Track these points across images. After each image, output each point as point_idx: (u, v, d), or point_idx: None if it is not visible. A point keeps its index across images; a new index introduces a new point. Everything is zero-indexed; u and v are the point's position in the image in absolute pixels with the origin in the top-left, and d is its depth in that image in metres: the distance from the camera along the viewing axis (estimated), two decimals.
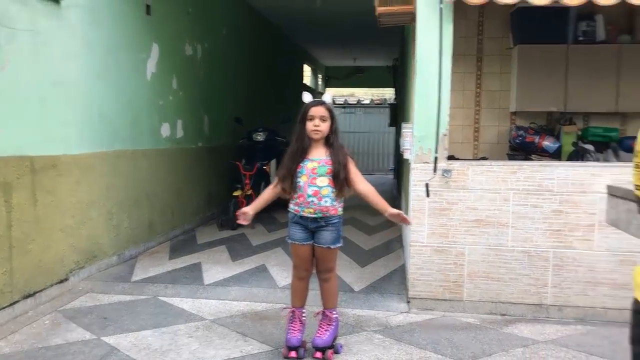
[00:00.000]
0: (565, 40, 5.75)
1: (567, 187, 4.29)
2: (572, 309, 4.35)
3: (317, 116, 3.45)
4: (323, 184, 3.46)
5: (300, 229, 3.55)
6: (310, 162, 3.47)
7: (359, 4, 9.55)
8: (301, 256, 3.60)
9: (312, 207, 3.46)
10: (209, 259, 5.97)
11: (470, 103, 6.23)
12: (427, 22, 4.31)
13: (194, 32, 7.62)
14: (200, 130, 7.95)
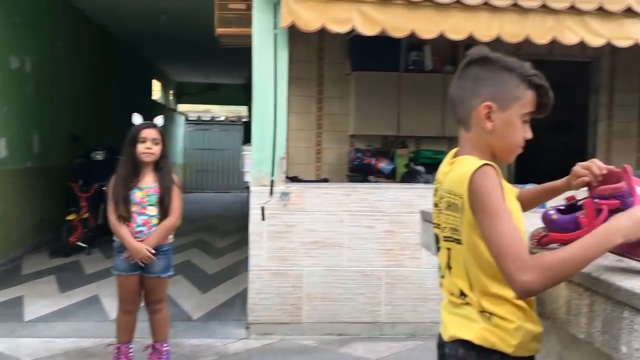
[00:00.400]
0: (397, 68, 6.08)
1: (397, 207, 4.51)
2: (404, 325, 4.56)
3: (150, 139, 3.33)
4: (153, 213, 3.34)
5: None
6: (139, 191, 3.33)
7: (207, 21, 9.43)
8: (128, 288, 3.40)
9: (141, 237, 3.31)
10: (33, 291, 5.45)
11: (312, 126, 6.36)
12: (262, 47, 4.34)
13: (21, 44, 7.01)
14: (29, 149, 7.31)
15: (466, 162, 1.47)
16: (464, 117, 1.56)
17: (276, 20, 4.23)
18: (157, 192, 3.34)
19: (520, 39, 4.39)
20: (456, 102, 1.58)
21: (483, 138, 1.53)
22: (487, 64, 1.53)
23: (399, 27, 4.24)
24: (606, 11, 4.25)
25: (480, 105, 1.50)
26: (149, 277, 3.39)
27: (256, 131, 4.42)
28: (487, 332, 1.45)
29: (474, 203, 1.40)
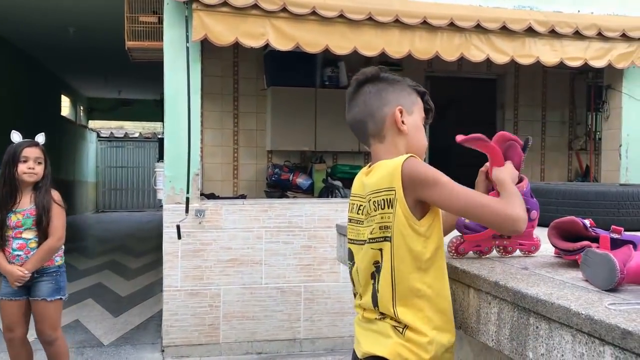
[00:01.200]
0: (313, 84, 6.12)
1: (315, 222, 4.51)
2: (323, 340, 4.54)
3: (32, 157, 3.14)
4: (30, 236, 3.15)
5: (7, 282, 3.16)
6: (14, 215, 3.12)
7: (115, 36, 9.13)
8: (13, 314, 3.17)
9: (19, 261, 3.12)
10: None
11: (229, 141, 6.27)
12: (174, 61, 4.23)
13: None
14: None
15: (389, 162, 1.54)
16: (377, 130, 1.63)
17: (188, 33, 4.14)
18: (32, 214, 3.13)
19: (430, 56, 4.53)
20: (365, 118, 1.65)
21: (399, 143, 1.62)
22: (381, 80, 1.66)
23: (313, 42, 4.27)
24: (509, 30, 4.47)
25: (392, 110, 1.61)
26: (35, 301, 3.17)
27: (169, 147, 4.29)
28: (401, 347, 1.46)
29: (416, 186, 1.47)
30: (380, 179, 1.53)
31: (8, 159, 3.14)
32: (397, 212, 1.47)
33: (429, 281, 1.49)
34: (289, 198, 5.57)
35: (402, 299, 1.48)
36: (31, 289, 3.17)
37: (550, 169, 6.96)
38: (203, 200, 4.54)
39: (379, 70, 1.68)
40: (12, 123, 10.41)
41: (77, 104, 17.97)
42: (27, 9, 8.19)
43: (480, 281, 1.45)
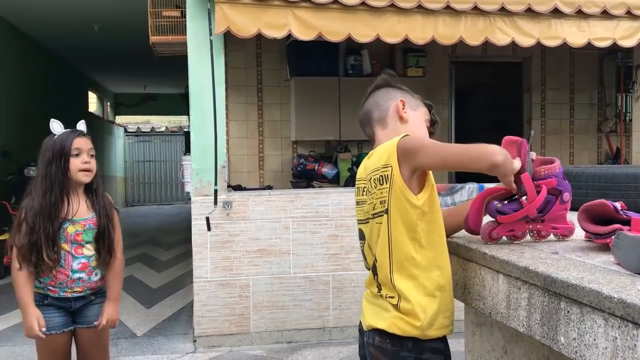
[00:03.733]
0: (336, 73, 6.11)
1: (341, 211, 4.51)
2: (353, 329, 4.55)
3: (86, 150, 2.53)
4: (91, 253, 2.54)
5: (57, 311, 2.52)
6: (71, 225, 2.49)
7: (141, 31, 9.23)
8: (60, 351, 2.54)
9: (79, 285, 2.51)
10: None
11: (254, 133, 6.30)
12: (198, 54, 4.26)
13: None
14: None
15: (387, 142, 1.68)
16: (381, 118, 1.84)
17: (211, 26, 4.16)
18: (94, 224, 2.54)
19: (454, 41, 4.47)
20: (372, 109, 1.87)
21: (400, 130, 1.76)
22: (391, 87, 1.88)
23: (335, 31, 4.25)
24: (535, 12, 4.39)
25: (396, 102, 1.82)
26: (88, 330, 2.58)
27: (196, 140, 4.34)
28: (397, 320, 1.61)
29: (408, 156, 1.59)
30: (378, 158, 1.68)
31: (54, 154, 2.49)
32: (393, 186, 1.60)
33: (423, 251, 1.62)
34: (315, 188, 5.59)
35: (398, 267, 1.62)
36: (80, 315, 2.58)
37: (580, 153, 6.85)
38: (230, 192, 4.58)
39: (389, 78, 1.91)
40: (41, 121, 10.63)
41: (104, 100, 18.22)
42: (53, 9, 8.31)
43: (510, 266, 1.45)
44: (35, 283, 2.49)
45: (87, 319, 2.58)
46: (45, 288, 2.50)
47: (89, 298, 2.58)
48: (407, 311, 1.60)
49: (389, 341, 1.63)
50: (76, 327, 2.58)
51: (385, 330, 1.63)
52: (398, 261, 1.63)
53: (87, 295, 2.57)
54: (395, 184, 1.60)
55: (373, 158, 1.74)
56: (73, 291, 2.51)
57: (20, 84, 9.49)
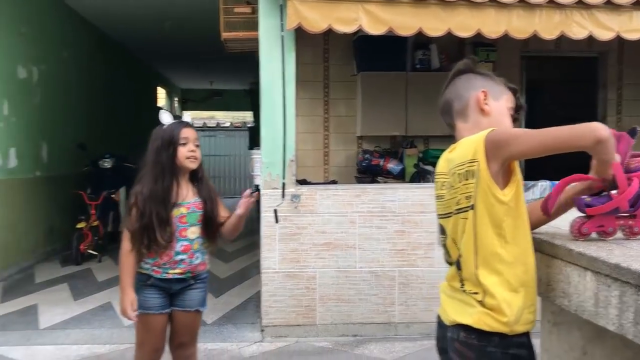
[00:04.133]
0: (404, 68, 6.07)
1: (408, 207, 4.50)
2: (419, 325, 4.54)
3: (192, 139, 2.68)
4: (194, 236, 2.67)
5: (158, 293, 2.66)
6: (176, 209, 2.62)
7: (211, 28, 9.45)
8: (157, 330, 2.67)
9: (181, 267, 2.64)
10: (47, 299, 5.46)
11: (319, 128, 6.35)
12: (269, 50, 4.33)
13: (28, 54, 7.04)
14: (37, 158, 7.33)
15: (473, 136, 1.65)
16: (462, 109, 1.79)
17: (283, 22, 4.23)
18: (199, 207, 2.68)
19: (527, 35, 4.37)
20: (452, 99, 1.83)
21: (482, 123, 1.72)
22: (473, 72, 1.83)
23: (406, 25, 4.23)
24: (615, 4, 4.23)
25: (477, 92, 1.76)
26: (185, 313, 2.71)
27: (265, 135, 4.42)
28: (484, 316, 1.60)
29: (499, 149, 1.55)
30: (464, 153, 1.64)
31: (163, 142, 2.64)
32: (480, 181, 1.58)
33: (509, 247, 1.59)
34: (380, 183, 5.59)
35: (483, 263, 1.61)
36: (179, 299, 2.71)
37: None
38: (298, 185, 4.64)
39: (472, 63, 1.86)
40: (114, 115, 11.10)
41: (172, 95, 18.78)
42: (127, 4, 8.64)
43: (599, 263, 1.41)
44: (141, 264, 2.66)
45: (184, 302, 2.71)
46: (150, 269, 2.66)
47: (188, 282, 2.70)
48: (493, 307, 1.59)
49: (475, 336, 1.61)
50: (173, 310, 2.71)
51: (471, 326, 1.62)
52: (483, 257, 1.61)
53: (187, 279, 2.69)
54: (482, 179, 1.58)
55: (457, 152, 1.72)
56: (174, 272, 2.64)
57: (94, 79, 9.92)
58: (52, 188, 7.67)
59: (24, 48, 6.95)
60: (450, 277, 1.77)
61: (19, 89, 6.82)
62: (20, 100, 6.82)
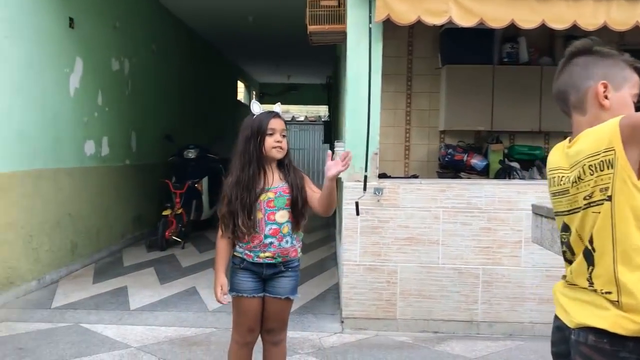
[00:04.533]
0: (491, 61, 5.92)
1: (495, 204, 4.38)
2: (502, 324, 4.43)
3: (279, 130, 2.73)
4: (283, 220, 2.72)
5: (251, 276, 2.76)
6: (264, 194, 2.70)
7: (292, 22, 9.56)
8: (250, 312, 2.77)
9: (270, 250, 2.70)
10: (135, 282, 5.72)
11: (401, 122, 6.30)
12: (357, 42, 4.33)
13: (121, 47, 7.38)
14: (127, 147, 7.68)
15: (601, 126, 1.54)
16: (579, 102, 1.67)
17: (371, 14, 4.21)
18: (286, 192, 2.73)
19: (628, 27, 4.15)
20: (568, 89, 1.70)
21: (602, 117, 1.60)
22: (592, 53, 1.67)
23: (498, 17, 4.12)
24: None
25: (595, 85, 1.63)
26: (276, 299, 2.78)
27: (350, 127, 4.43)
28: (621, 319, 1.47)
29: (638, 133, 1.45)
30: (595, 143, 1.53)
31: (252, 132, 2.72)
32: (618, 171, 1.47)
33: None
34: (463, 179, 5.48)
35: (623, 259, 1.49)
36: (271, 285, 2.78)
37: None
38: (381, 178, 4.62)
39: (591, 43, 1.69)
40: (198, 108, 11.44)
41: (251, 89, 19.17)
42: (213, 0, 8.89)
43: None
44: (236, 247, 2.78)
45: (275, 289, 2.77)
46: (242, 252, 2.75)
47: (279, 267, 2.75)
48: (631, 308, 1.47)
49: (608, 341, 1.50)
50: (265, 296, 2.78)
51: (604, 329, 1.50)
52: (624, 252, 1.49)
53: (277, 264, 2.74)
54: (620, 168, 1.47)
55: (583, 144, 1.59)
56: (265, 256, 2.71)
57: (180, 72, 10.28)
58: (140, 176, 8.02)
59: (118, 42, 7.28)
60: (576, 276, 1.63)
61: (112, 80, 7.15)
62: (113, 91, 7.16)
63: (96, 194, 6.66)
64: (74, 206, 6.12)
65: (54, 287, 5.49)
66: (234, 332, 2.85)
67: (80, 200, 6.26)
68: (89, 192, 6.49)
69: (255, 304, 2.77)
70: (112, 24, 7.10)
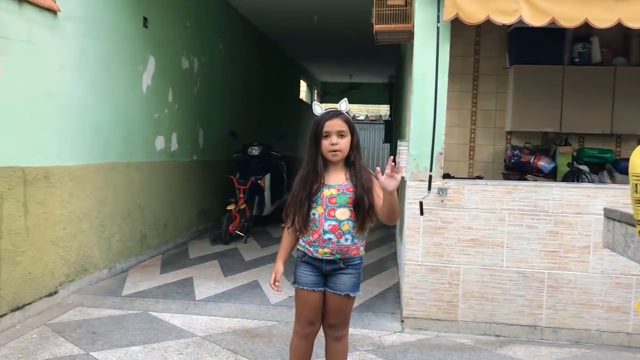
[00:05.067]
0: (561, 61, 5.77)
1: (563, 208, 4.28)
2: (567, 331, 4.32)
3: (334, 132, 2.72)
4: (343, 217, 2.71)
5: (311, 270, 2.82)
6: (327, 189, 2.73)
7: (356, 21, 9.59)
8: (310, 305, 2.82)
9: (329, 246, 2.73)
10: (200, 273, 5.91)
11: (466, 122, 6.23)
12: (424, 41, 4.32)
13: (190, 46, 7.62)
14: (194, 143, 7.91)
15: None
16: None
17: (439, 13, 4.19)
18: (348, 190, 2.72)
19: None
20: None
21: None
22: None
23: (570, 16, 4.00)
24: None
25: None
26: (336, 295, 2.81)
27: (415, 126, 4.42)
28: None
29: None
30: None
31: (311, 134, 2.77)
32: None
33: None
34: (530, 181, 5.36)
35: None
36: (331, 281, 2.81)
37: None
38: (444, 179, 4.59)
39: None
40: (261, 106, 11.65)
41: (313, 88, 19.32)
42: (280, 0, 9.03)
43: None
44: (299, 242, 2.86)
45: (335, 285, 2.80)
46: (304, 247, 2.81)
47: (339, 264, 2.77)
48: None
49: None
50: (326, 290, 2.82)
51: None
52: None
53: (336, 260, 2.76)
54: None
55: None
56: (324, 252, 2.75)
57: (246, 71, 10.49)
58: (206, 172, 8.26)
59: (187, 40, 7.52)
60: None
61: (182, 78, 7.39)
62: (183, 89, 7.40)
63: (164, 187, 6.91)
64: (144, 199, 6.37)
65: (124, 275, 5.74)
66: (295, 324, 2.91)
67: (149, 193, 6.51)
68: (158, 186, 6.74)
69: (315, 298, 2.81)
70: (183, 23, 7.34)
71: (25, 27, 4.33)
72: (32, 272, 4.48)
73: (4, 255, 4.16)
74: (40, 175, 4.53)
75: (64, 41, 4.81)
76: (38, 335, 4.06)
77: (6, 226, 4.16)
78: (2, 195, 4.11)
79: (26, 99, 4.37)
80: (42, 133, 4.56)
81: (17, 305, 4.32)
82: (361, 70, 16.93)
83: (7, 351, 3.77)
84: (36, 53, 4.46)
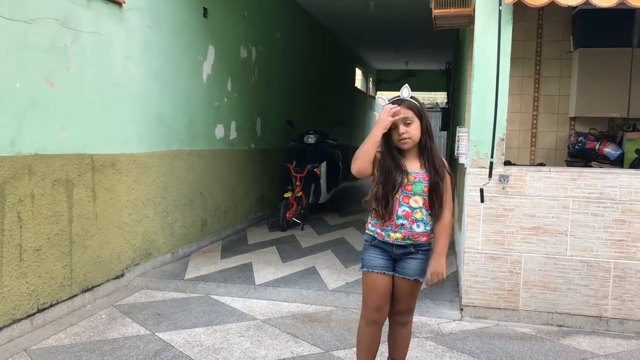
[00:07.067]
0: (629, 43, 5.53)
1: (631, 195, 4.13)
2: (635, 322, 4.18)
3: (400, 120, 2.71)
4: (417, 205, 2.72)
5: (381, 254, 2.81)
6: (405, 176, 2.74)
7: (413, 7, 9.48)
8: (379, 289, 2.81)
9: (401, 231, 2.73)
10: (259, 259, 6.02)
11: (528, 107, 6.07)
12: (485, 24, 4.23)
13: (248, 35, 7.72)
14: (252, 132, 8.04)
15: None
16: None
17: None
18: (424, 179, 2.72)
19: None
20: None
21: None
22: None
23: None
24: None
25: None
26: (405, 280, 2.81)
27: (476, 112, 4.34)
28: None
29: None
30: None
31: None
32: None
33: None
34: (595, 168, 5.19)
35: None
36: (400, 265, 2.81)
37: None
38: (507, 165, 4.50)
39: None
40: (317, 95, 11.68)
41: (368, 76, 19.22)
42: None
43: None
44: (368, 226, 2.87)
45: (404, 270, 2.80)
46: (374, 231, 2.82)
47: (409, 249, 2.77)
48: None
49: None
50: (394, 275, 2.82)
51: None
52: None
53: (407, 245, 2.76)
54: None
55: None
56: (395, 237, 2.75)
57: (303, 60, 10.55)
58: (264, 160, 8.38)
59: (246, 30, 7.62)
60: None
61: (241, 67, 7.51)
62: (241, 78, 7.51)
63: (224, 175, 7.06)
64: (204, 186, 6.53)
65: (186, 260, 5.92)
66: (363, 309, 2.89)
67: (210, 180, 6.67)
68: (218, 174, 6.89)
69: (384, 281, 2.81)
70: (241, 13, 7.44)
71: (93, 19, 4.50)
72: (100, 256, 4.68)
73: (75, 239, 4.36)
74: (108, 163, 4.71)
75: (128, 32, 4.97)
76: (107, 316, 4.25)
77: (77, 211, 4.36)
78: (73, 182, 4.31)
79: (95, 89, 4.55)
80: (109, 122, 4.74)
81: (87, 287, 4.53)
82: (417, 57, 16.71)
83: (79, 329, 3.96)
84: (103, 44, 4.63)
